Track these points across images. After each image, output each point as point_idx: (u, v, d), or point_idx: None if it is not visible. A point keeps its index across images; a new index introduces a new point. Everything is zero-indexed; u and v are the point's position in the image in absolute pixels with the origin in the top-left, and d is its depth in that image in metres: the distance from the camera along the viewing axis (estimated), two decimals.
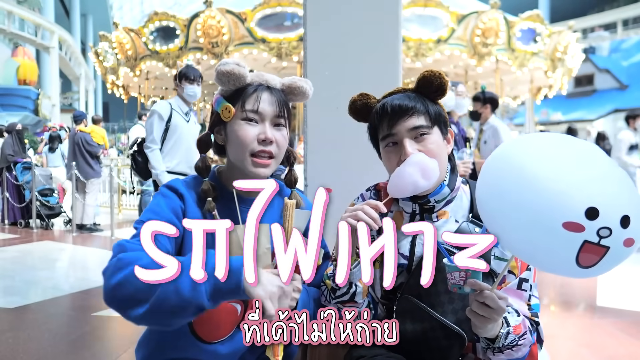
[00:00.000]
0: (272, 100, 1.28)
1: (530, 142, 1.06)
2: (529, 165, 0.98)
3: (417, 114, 1.31)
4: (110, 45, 10.95)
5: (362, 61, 1.99)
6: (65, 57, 22.83)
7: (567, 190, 0.93)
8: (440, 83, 1.31)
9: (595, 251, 0.93)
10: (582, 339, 3.57)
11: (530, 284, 1.33)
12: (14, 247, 4.95)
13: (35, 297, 4.38)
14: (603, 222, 0.91)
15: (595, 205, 0.91)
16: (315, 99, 2.03)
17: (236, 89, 1.29)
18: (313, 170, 2.02)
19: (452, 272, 1.12)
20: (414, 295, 1.31)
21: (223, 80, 1.26)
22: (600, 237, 0.92)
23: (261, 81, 1.30)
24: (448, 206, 1.38)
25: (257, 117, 1.27)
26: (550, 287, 4.86)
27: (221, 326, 1.30)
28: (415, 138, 1.31)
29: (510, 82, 12.56)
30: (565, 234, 0.92)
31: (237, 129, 1.27)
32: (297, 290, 1.21)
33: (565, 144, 1.03)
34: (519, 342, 1.20)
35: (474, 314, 1.12)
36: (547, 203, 0.93)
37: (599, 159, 1.01)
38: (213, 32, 8.75)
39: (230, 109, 1.26)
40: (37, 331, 3.55)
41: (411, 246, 1.36)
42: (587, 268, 0.96)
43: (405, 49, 8.71)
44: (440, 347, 1.27)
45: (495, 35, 9.08)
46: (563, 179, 0.94)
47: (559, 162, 0.98)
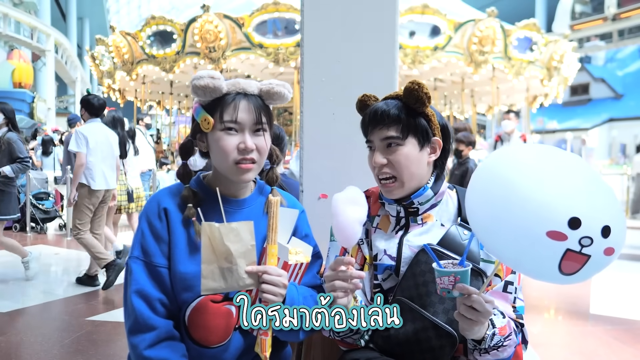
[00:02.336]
0: (250, 108, 1.30)
1: (517, 154, 1.10)
2: (514, 176, 1.02)
3: (389, 125, 1.37)
4: (106, 49, 10.93)
5: (359, 68, 2.00)
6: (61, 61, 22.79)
7: (551, 201, 0.98)
8: (419, 95, 1.34)
9: (577, 259, 0.98)
10: (575, 346, 3.58)
11: (515, 286, 1.37)
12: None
13: (28, 302, 4.35)
14: (585, 231, 0.96)
15: (578, 215, 0.96)
16: (312, 105, 2.05)
17: (213, 99, 1.30)
18: (309, 176, 2.03)
19: (441, 277, 1.14)
20: (406, 297, 1.34)
21: (199, 94, 1.28)
22: (582, 246, 0.97)
23: (238, 89, 1.31)
24: (433, 210, 1.44)
25: (237, 127, 1.29)
26: (543, 295, 4.87)
27: (218, 330, 1.32)
28: (386, 147, 1.38)
29: (507, 91, 12.62)
30: (548, 242, 0.97)
31: (217, 140, 1.29)
32: (283, 286, 1.23)
33: (550, 156, 1.07)
34: (504, 342, 1.24)
35: (462, 317, 1.16)
36: (532, 213, 0.98)
37: (582, 170, 1.05)
38: (210, 37, 8.75)
39: (209, 120, 1.28)
40: (30, 335, 3.53)
41: (398, 248, 1.40)
42: (569, 275, 1.01)
43: (402, 56, 8.74)
44: (432, 348, 1.29)
45: (491, 43, 9.12)
46: (547, 189, 0.99)
47: (543, 173, 1.02)
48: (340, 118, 2.00)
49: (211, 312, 1.30)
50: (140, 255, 1.30)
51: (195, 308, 1.30)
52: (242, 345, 1.36)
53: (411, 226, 1.43)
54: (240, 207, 1.38)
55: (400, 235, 1.42)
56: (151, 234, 1.31)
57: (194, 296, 1.29)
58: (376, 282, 1.43)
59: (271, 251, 1.26)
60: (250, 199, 1.41)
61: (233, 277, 1.21)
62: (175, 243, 1.30)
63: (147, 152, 8.75)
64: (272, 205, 1.28)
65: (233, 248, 1.21)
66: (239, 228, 1.23)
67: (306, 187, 2.03)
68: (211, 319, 1.30)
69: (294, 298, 1.29)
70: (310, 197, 2.02)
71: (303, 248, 1.42)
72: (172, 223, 1.31)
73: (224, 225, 1.21)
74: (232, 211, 1.35)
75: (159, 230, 1.31)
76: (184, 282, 1.28)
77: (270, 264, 1.25)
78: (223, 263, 1.20)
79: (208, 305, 1.30)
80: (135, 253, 1.31)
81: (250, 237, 1.24)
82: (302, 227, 1.50)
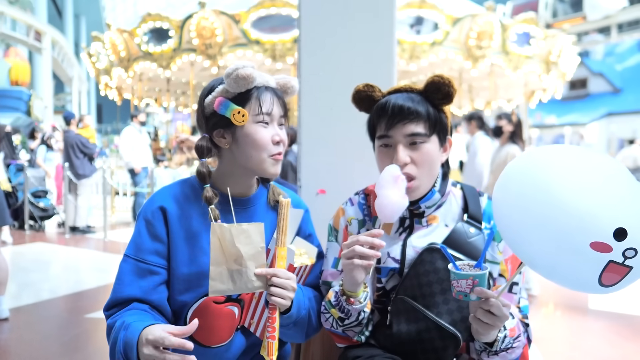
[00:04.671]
0: (279, 101, 1.29)
1: (554, 156, 1.03)
2: (554, 181, 0.96)
3: (417, 120, 1.30)
4: (103, 46, 10.86)
5: (357, 62, 1.99)
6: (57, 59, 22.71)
7: (596, 210, 0.92)
8: (449, 91, 1.29)
9: (619, 271, 0.93)
10: (574, 341, 3.58)
11: (520, 287, 1.35)
12: (6, 249, 4.91)
13: (27, 299, 4.35)
14: (630, 242, 0.91)
15: (624, 225, 0.91)
16: (310, 99, 2.03)
17: (241, 92, 1.26)
18: (307, 171, 2.01)
19: (458, 280, 1.09)
20: (409, 296, 1.31)
21: (240, 83, 1.22)
22: (626, 258, 0.92)
23: (264, 82, 1.29)
24: (438, 211, 1.39)
25: (269, 119, 1.27)
26: (543, 291, 4.86)
27: (220, 331, 1.30)
28: (410, 144, 1.30)
29: (505, 86, 12.58)
30: (591, 253, 0.92)
31: (252, 133, 1.26)
32: (292, 289, 1.21)
33: (588, 159, 1.00)
34: (513, 344, 1.21)
35: (478, 322, 1.12)
36: (575, 222, 0.92)
37: (623, 176, 0.98)
38: (207, 34, 8.71)
39: (243, 112, 1.24)
40: (29, 333, 3.52)
41: (402, 250, 1.36)
42: (608, 287, 0.96)
43: (400, 52, 8.71)
44: (435, 348, 1.27)
45: (489, 38, 9.08)
46: (590, 197, 0.93)
47: (585, 179, 0.96)
48: (338, 113, 1.99)
49: (214, 314, 1.28)
50: (131, 253, 1.27)
51: (198, 309, 1.28)
52: (244, 345, 1.35)
53: (415, 228, 1.38)
54: (247, 205, 1.36)
55: (404, 237, 1.38)
56: (148, 233, 1.28)
57: (196, 297, 1.27)
58: (379, 286, 1.38)
59: (280, 254, 1.23)
60: (255, 197, 1.38)
61: (242, 279, 1.19)
62: (175, 244, 1.27)
63: (143, 150, 8.73)
64: (283, 207, 1.25)
65: (243, 250, 1.18)
66: (250, 230, 1.20)
67: (304, 182, 2.02)
68: (214, 320, 1.28)
69: (300, 300, 1.28)
70: (309, 193, 2.00)
71: (307, 249, 1.41)
72: (172, 224, 1.28)
73: (234, 227, 1.18)
74: (238, 210, 1.31)
75: (157, 230, 1.28)
76: (184, 283, 1.26)
77: (279, 267, 1.23)
78: (232, 265, 1.18)
79: (210, 306, 1.28)
80: (127, 251, 1.28)
81: (261, 239, 1.21)
82: (306, 226, 1.48)
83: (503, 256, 1.34)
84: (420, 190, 1.33)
